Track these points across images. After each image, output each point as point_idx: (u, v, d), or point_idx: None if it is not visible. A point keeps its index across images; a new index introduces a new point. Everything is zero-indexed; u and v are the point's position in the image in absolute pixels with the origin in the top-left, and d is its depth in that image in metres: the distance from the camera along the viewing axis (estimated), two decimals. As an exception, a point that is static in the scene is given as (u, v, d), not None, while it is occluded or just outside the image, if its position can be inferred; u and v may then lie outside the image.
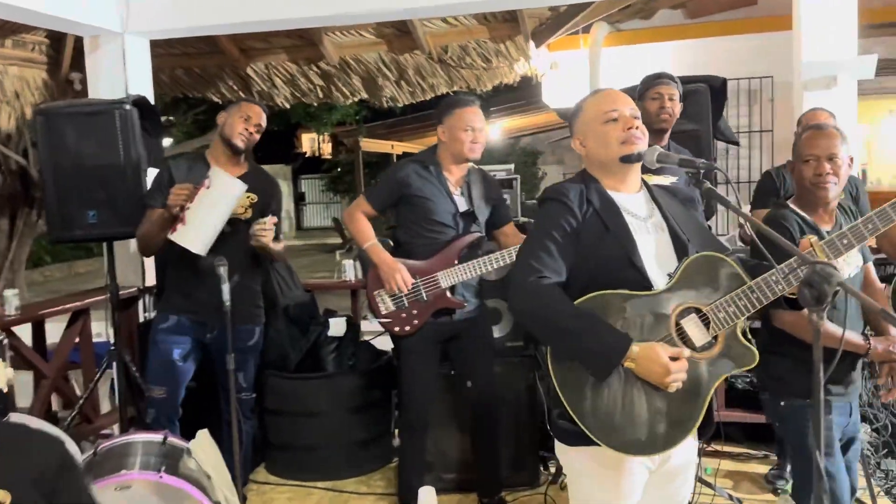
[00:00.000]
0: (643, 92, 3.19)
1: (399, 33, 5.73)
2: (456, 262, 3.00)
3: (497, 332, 3.49)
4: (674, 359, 1.67)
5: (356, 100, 6.62)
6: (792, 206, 2.37)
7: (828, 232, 2.30)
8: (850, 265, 2.34)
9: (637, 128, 1.83)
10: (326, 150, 21.95)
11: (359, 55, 6.02)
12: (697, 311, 1.76)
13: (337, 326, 3.94)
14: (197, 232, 2.92)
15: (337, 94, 6.36)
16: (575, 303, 1.71)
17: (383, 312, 3.03)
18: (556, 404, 1.74)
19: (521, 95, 8.69)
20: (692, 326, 1.74)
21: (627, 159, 1.84)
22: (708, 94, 3.73)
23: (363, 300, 4.91)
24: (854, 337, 2.28)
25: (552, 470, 3.62)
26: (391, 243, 3.23)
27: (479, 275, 3.03)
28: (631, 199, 1.88)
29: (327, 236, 20.14)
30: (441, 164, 3.05)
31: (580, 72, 6.31)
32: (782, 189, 3.46)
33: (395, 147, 13.28)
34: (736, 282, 1.78)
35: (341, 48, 5.99)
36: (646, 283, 1.76)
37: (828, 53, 3.48)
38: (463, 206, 3.05)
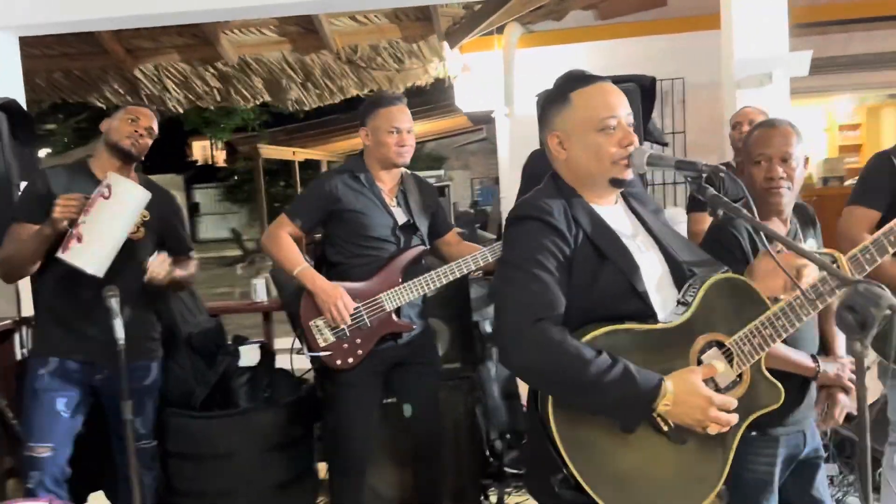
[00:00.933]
0: None
1: (304, 31, 5.36)
2: (400, 280, 2.68)
3: (432, 354, 3.20)
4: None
5: (258, 103, 6.18)
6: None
7: None
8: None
9: (633, 144, 1.55)
10: (221, 157, 21.06)
11: (260, 55, 5.60)
12: (719, 344, 1.51)
13: (249, 355, 3.52)
14: (96, 249, 2.47)
15: (236, 97, 5.91)
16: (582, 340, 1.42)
17: (322, 345, 2.66)
18: (555, 468, 1.43)
19: (429, 99, 8.45)
20: (716, 363, 1.48)
21: (619, 184, 1.58)
22: (639, 94, 3.57)
23: (279, 323, 4.52)
24: (801, 358, 2.01)
25: (493, 499, 3.36)
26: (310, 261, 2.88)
27: (427, 292, 2.72)
28: (612, 214, 1.61)
29: (225, 248, 19.23)
30: (371, 172, 2.73)
31: (494, 73, 6.11)
32: (721, 192, 3.33)
33: (297, 154, 12.75)
34: (757, 308, 1.54)
35: (240, 47, 5.56)
36: (650, 313, 1.49)
37: (761, 51, 3.39)
38: (401, 217, 2.74)
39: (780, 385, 1.55)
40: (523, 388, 3.74)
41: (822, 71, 6.62)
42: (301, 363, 3.35)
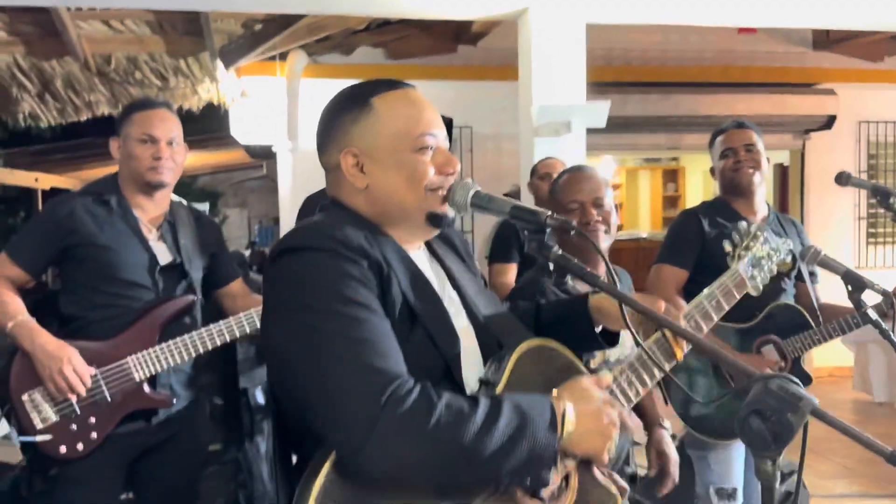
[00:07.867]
0: None
1: (43, 32, 4.47)
2: (157, 339, 2.06)
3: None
4: None
5: (-21, 114, 5.09)
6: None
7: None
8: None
9: (455, 173, 1.21)
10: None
11: (-18, 56, 4.59)
12: None
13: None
14: None
15: (-50, 105, 4.81)
16: None
17: (40, 427, 1.96)
18: None
19: (202, 127, 7.62)
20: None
21: (437, 222, 1.20)
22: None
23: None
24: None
25: None
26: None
27: (195, 356, 2.11)
28: (419, 262, 1.24)
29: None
30: (126, 196, 2.13)
31: (276, 103, 5.59)
32: (527, 242, 3.12)
33: (41, 180, 11.07)
34: (570, 376, 1.21)
35: (-44, 44, 4.51)
36: None
37: (560, 99, 3.29)
38: (165, 256, 2.14)
39: (613, 487, 1.23)
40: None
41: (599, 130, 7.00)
42: None
